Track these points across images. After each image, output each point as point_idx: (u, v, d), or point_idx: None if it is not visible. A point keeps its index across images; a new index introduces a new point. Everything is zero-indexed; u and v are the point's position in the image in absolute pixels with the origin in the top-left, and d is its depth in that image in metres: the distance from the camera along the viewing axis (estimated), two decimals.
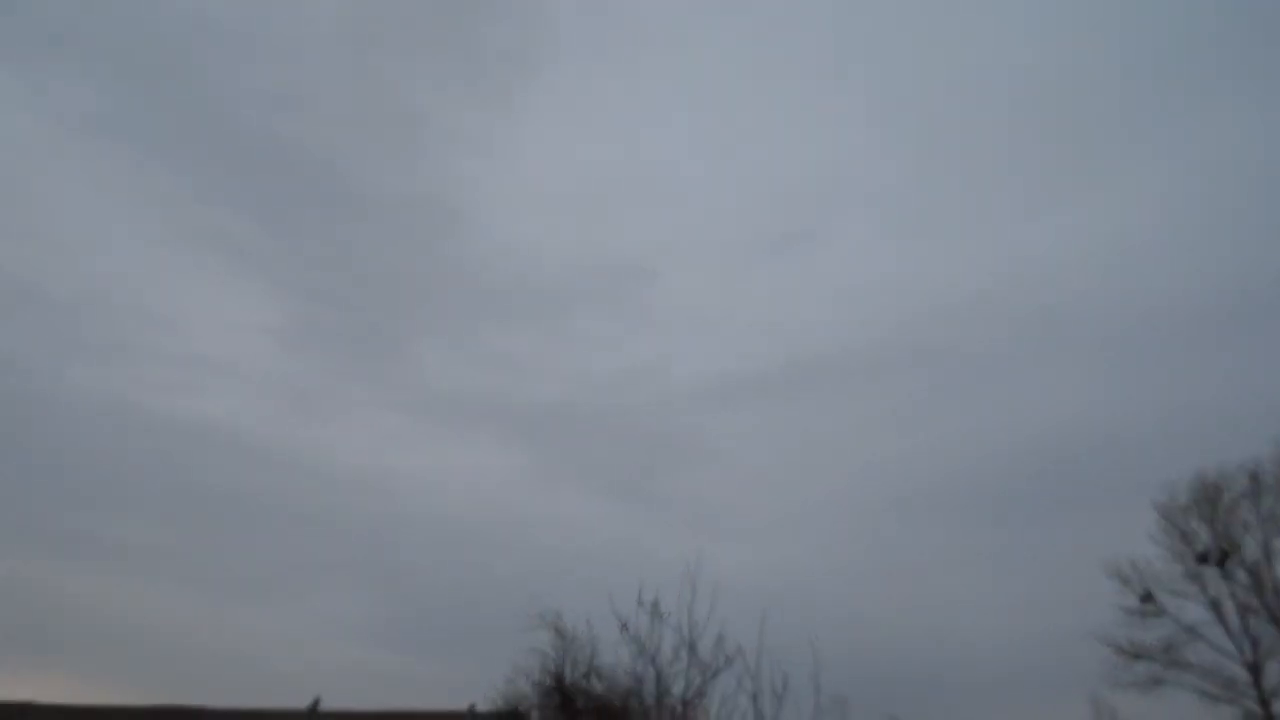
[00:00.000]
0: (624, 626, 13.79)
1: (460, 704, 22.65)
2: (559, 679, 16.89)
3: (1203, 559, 37.96)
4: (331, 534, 67.51)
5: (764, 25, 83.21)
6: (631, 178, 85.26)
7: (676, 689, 13.66)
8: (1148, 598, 38.53)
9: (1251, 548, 37.40)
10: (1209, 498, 38.46)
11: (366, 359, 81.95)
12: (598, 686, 16.94)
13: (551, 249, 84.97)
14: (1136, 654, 38.20)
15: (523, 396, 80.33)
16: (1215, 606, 37.43)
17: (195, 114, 78.33)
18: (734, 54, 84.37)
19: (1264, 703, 35.83)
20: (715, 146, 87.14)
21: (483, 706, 19.46)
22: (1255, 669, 36.23)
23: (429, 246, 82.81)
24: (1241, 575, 37.27)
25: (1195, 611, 37.73)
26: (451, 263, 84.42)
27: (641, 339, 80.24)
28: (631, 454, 78.09)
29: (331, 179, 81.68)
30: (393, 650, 61.16)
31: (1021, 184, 77.82)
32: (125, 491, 63.08)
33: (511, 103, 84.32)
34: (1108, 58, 74.17)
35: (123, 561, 59.38)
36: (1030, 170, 79.03)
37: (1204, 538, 38.35)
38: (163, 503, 63.71)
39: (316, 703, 24.17)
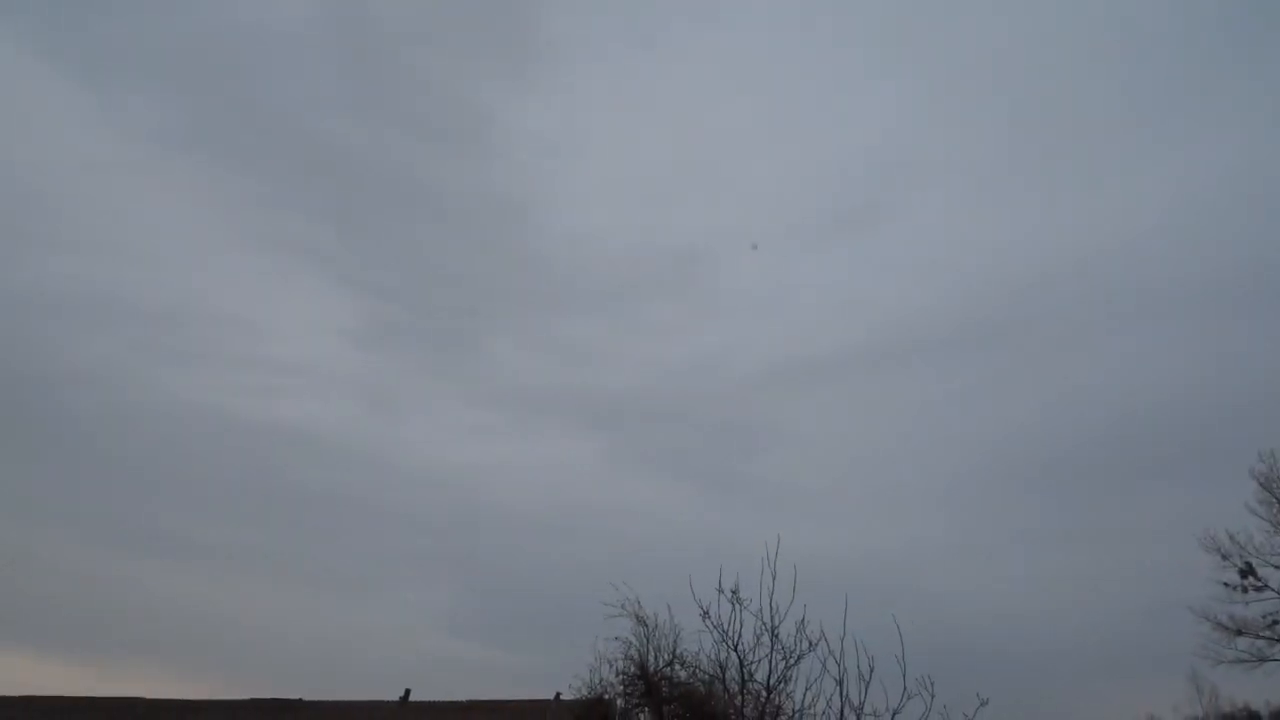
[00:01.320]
0: (705, 613, 13.76)
1: (546, 693, 23.00)
2: (642, 667, 17.00)
3: None
4: (416, 529, 69.14)
5: (822, 5, 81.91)
6: (695, 164, 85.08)
7: (760, 675, 13.60)
8: (1248, 571, 37.04)
9: None
10: None
11: (442, 356, 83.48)
12: (681, 674, 17.03)
13: (618, 239, 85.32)
14: (1238, 630, 36.82)
15: (596, 386, 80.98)
16: None
17: (268, 125, 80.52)
18: (793, 33, 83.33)
19: None
20: (778, 128, 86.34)
21: (567, 695, 19.73)
22: None
23: (498, 242, 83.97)
24: None
25: None
26: (521, 257, 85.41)
27: (712, 324, 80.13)
28: (707, 439, 78.08)
29: (402, 181, 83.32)
30: (479, 641, 62.40)
31: (1100, 148, 75.31)
32: (218, 493, 65.49)
33: (570, 96, 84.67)
34: (1180, 23, 71.07)
35: (219, 561, 61.70)
36: (1107, 132, 76.35)
37: None
38: (254, 503, 66.03)
39: (407, 694, 24.77)
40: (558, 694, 21.83)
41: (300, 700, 24.62)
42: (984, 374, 71.63)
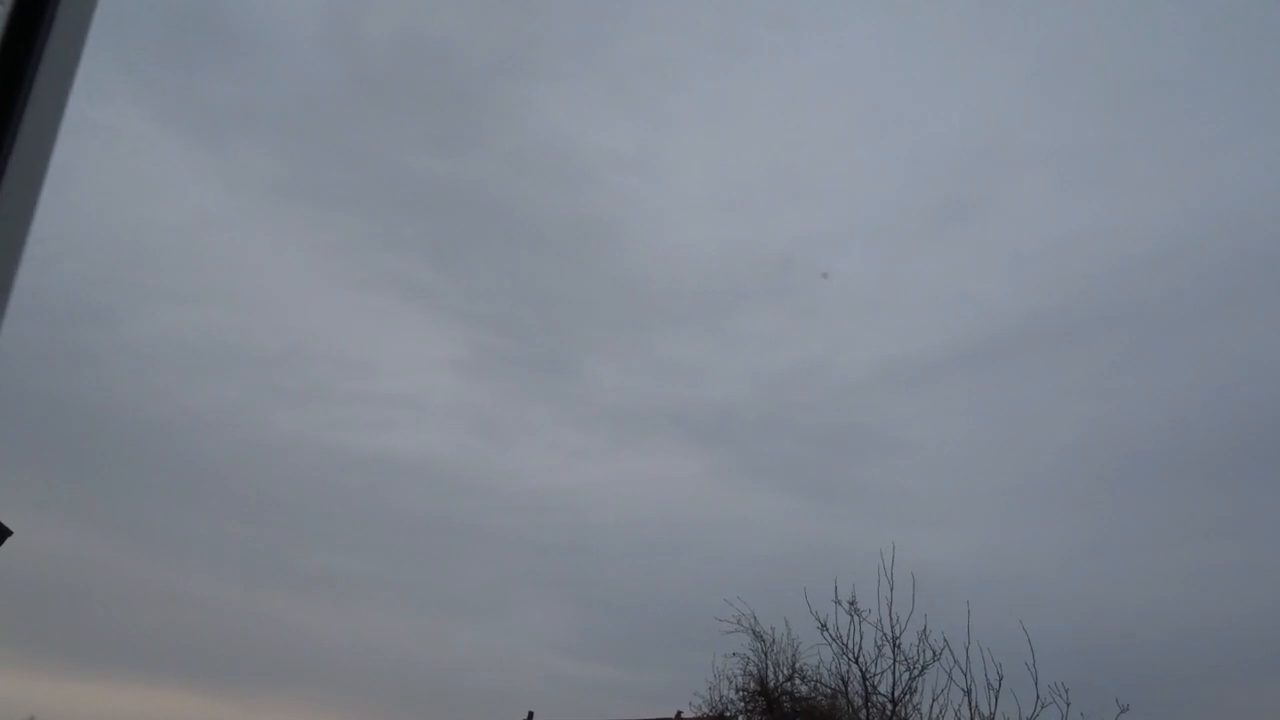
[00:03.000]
0: (823, 626, 13.63)
1: (667, 712, 22.99)
2: (762, 682, 16.87)
3: None
4: (528, 552, 70.11)
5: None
6: (786, 169, 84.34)
7: (883, 687, 13.37)
8: None
9: None
10: None
11: (544, 381, 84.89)
12: (801, 689, 16.82)
13: (712, 251, 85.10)
14: None
15: (698, 401, 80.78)
16: None
17: (365, 166, 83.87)
18: (877, 25, 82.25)
19: None
20: (868, 125, 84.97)
21: (689, 714, 19.71)
22: None
23: (592, 264, 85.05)
24: None
25: None
26: (613, 277, 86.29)
27: (813, 330, 78.94)
28: (813, 448, 76.87)
29: (496, 211, 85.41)
30: (597, 661, 62.72)
31: (1207, 119, 71.36)
32: (334, 527, 68.05)
33: (655, 112, 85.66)
34: None
35: (340, 591, 63.98)
36: (1215, 102, 72.49)
37: None
38: (372, 535, 68.25)
39: (530, 717, 25.10)
40: (679, 713, 21.81)
41: None
42: (1102, 363, 68.18)
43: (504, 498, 76.99)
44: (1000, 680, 11.56)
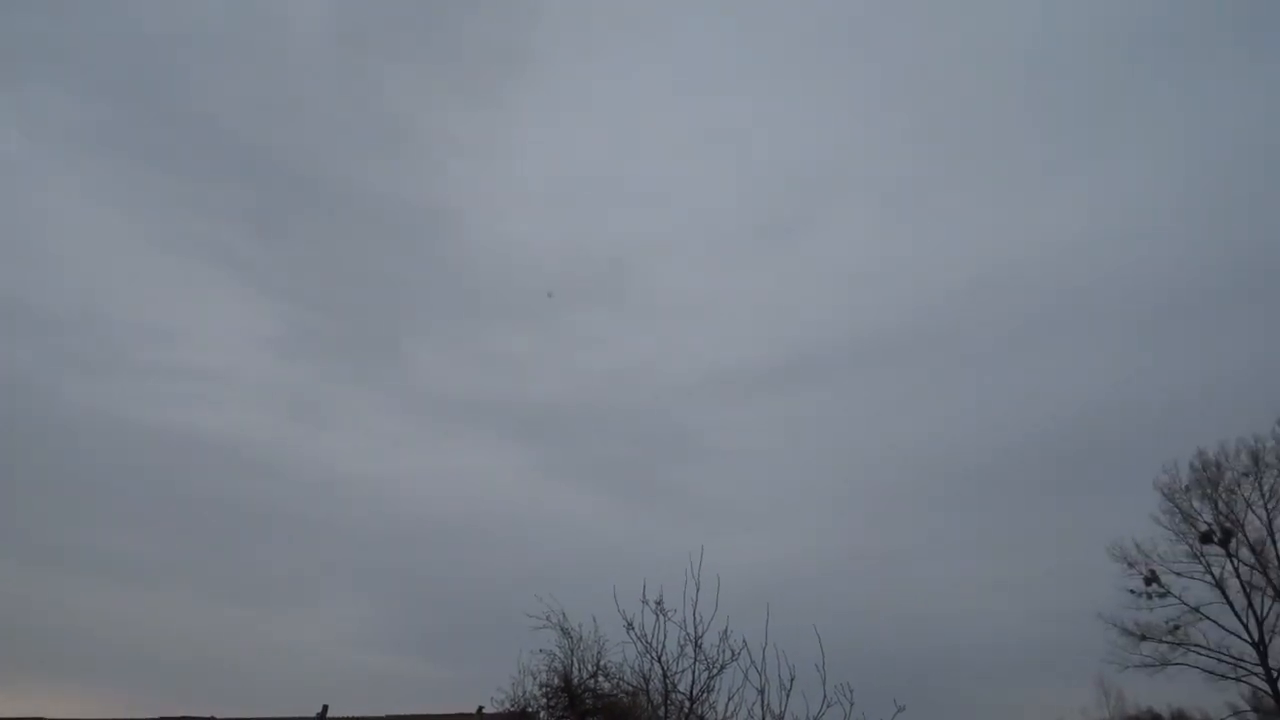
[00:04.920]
0: (629, 625, 13.78)
1: (469, 707, 22.65)
2: (566, 679, 16.92)
3: (1206, 538, 38.04)
4: (336, 540, 67.60)
5: (758, 13, 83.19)
6: (624, 172, 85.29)
7: (683, 686, 13.66)
8: (1152, 579, 38.61)
9: (1254, 526, 37.49)
10: (1210, 477, 38.52)
11: (363, 364, 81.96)
12: (604, 685, 16.98)
13: (544, 246, 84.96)
14: (1142, 635, 38.31)
15: (521, 396, 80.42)
16: (1220, 585, 37.53)
17: (186, 124, 78.14)
18: (726, 43, 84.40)
19: (1271, 679, 35.89)
20: (709, 137, 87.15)
21: (490, 708, 19.48)
22: (1261, 646, 36.29)
23: (422, 248, 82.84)
24: (1245, 554, 37.35)
25: (1200, 591, 37.89)
26: (445, 264, 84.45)
27: (638, 334, 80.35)
28: (632, 449, 78.22)
29: (323, 185, 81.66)
30: (402, 654, 61.22)
31: (1022, 166, 77.82)
32: (130, 505, 63.12)
33: (498, 100, 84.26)
34: (1109, 25, 73.79)
35: (131, 574, 59.40)
36: (1031, 151, 79.04)
37: (1206, 517, 38.44)
38: (168, 515, 63.76)
39: (324, 710, 24.10)
40: (480, 708, 21.55)
41: (210, 719, 23.78)
42: (907, 386, 73.38)
43: (316, 484, 73.81)
44: (792, 680, 12.05)
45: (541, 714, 17.46)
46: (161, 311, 75.82)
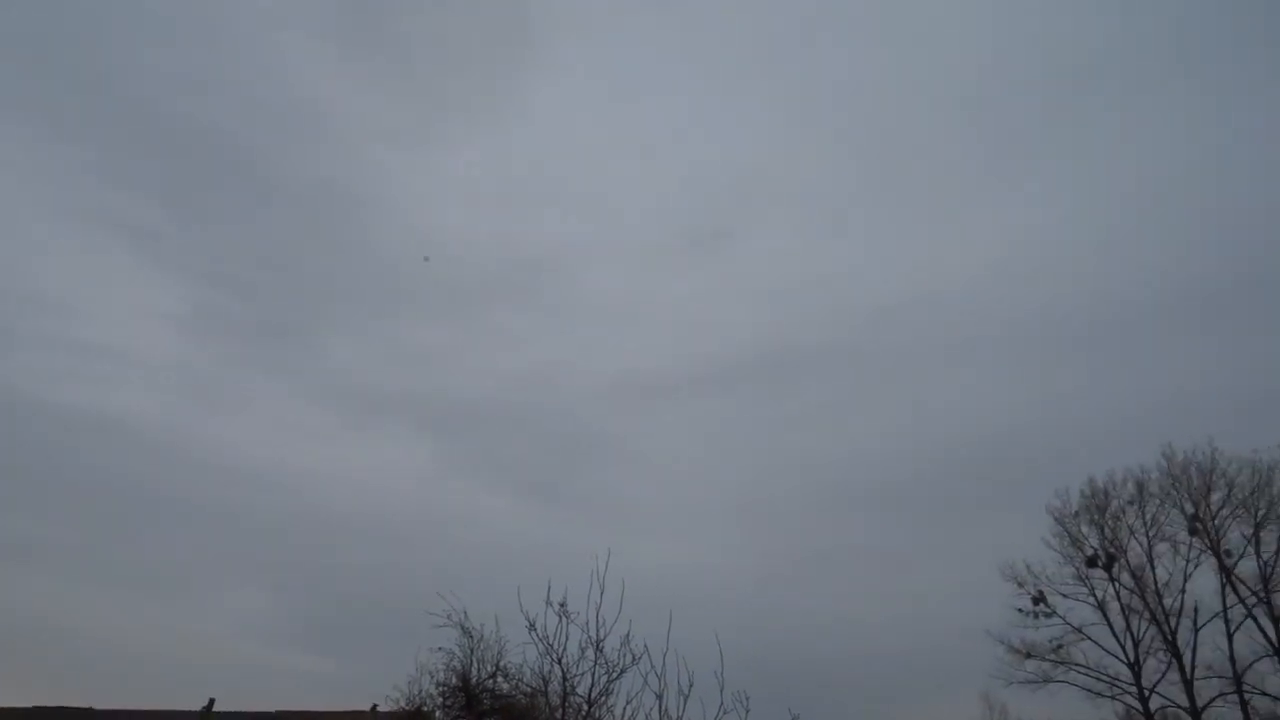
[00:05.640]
0: (531, 626, 13.70)
1: (364, 704, 22.21)
2: (464, 678, 16.71)
3: (1091, 562, 39.82)
4: (236, 530, 65.49)
5: (689, 26, 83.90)
6: (554, 174, 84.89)
7: (582, 688, 13.65)
8: (1040, 599, 40.21)
9: (1136, 552, 39.41)
10: (1098, 504, 40.34)
11: (274, 350, 79.70)
12: (504, 686, 16.84)
13: (469, 243, 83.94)
14: (1028, 653, 39.83)
15: (436, 391, 79.32)
16: (1101, 608, 39.32)
17: (99, 93, 74.84)
18: (658, 54, 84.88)
19: (1143, 699, 37.74)
20: (637, 145, 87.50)
21: (385, 707, 19.12)
22: (1136, 667, 38.14)
23: (342, 236, 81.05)
24: (1126, 578, 39.22)
25: (1083, 612, 39.63)
26: (365, 253, 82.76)
27: (558, 336, 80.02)
28: (545, 451, 77.87)
29: (244, 165, 79.20)
30: (299, 650, 59.59)
31: (947, 192, 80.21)
32: (14, 483, 60.02)
33: (430, 93, 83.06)
34: (1027, 64, 76.66)
35: (15, 557, 56.40)
36: (956, 178, 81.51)
37: (1093, 542, 40.25)
38: (57, 496, 60.87)
39: (211, 704, 23.38)
40: (374, 706, 21.16)
41: (90, 709, 22.79)
42: (821, 400, 74.82)
43: (218, 471, 71.36)
44: (691, 687, 12.14)
45: (438, 713, 17.21)
46: (58, 283, 72.38)
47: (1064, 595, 40.09)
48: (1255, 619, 36.28)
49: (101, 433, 67.26)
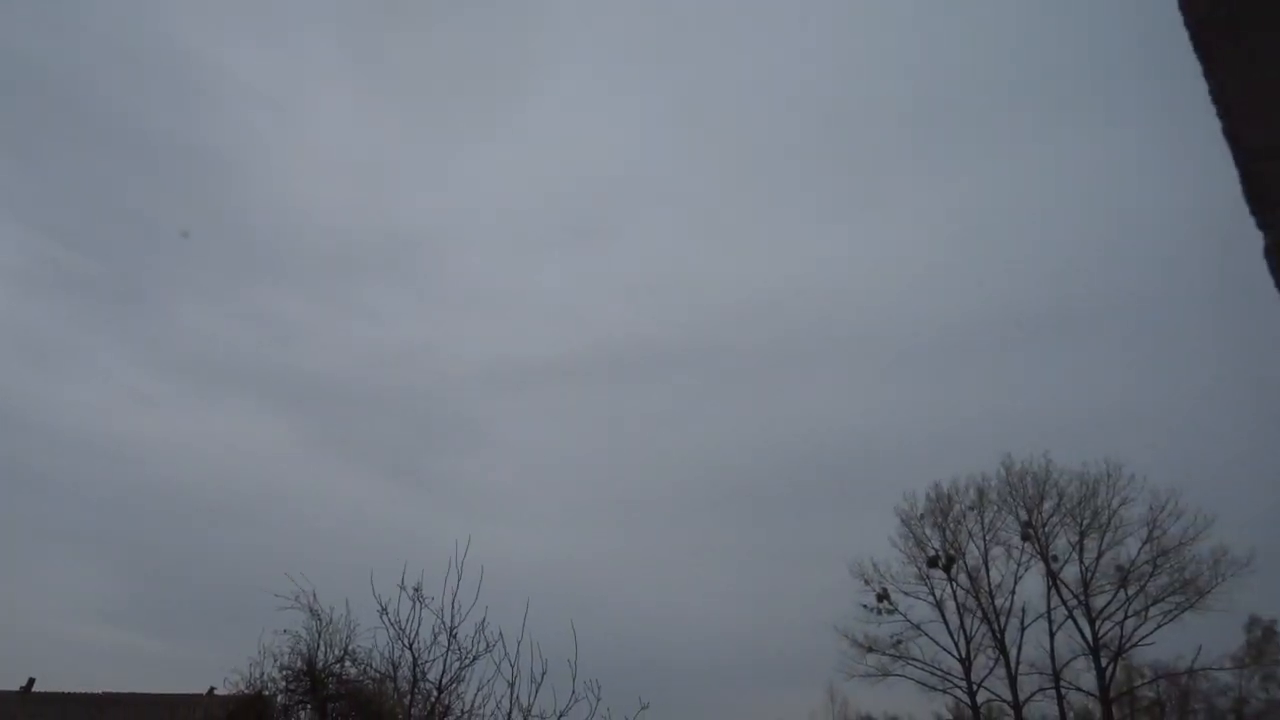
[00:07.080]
0: (383, 610, 13.39)
1: (200, 687, 21.23)
2: (310, 662, 16.16)
3: (932, 563, 42.09)
4: (66, 500, 61.22)
5: (573, 18, 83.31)
6: (428, 153, 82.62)
7: (433, 675, 13.45)
8: (883, 596, 42.23)
9: (974, 554, 41.91)
10: (942, 508, 42.65)
11: (118, 312, 74.77)
12: (351, 671, 16.38)
13: (335, 214, 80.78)
14: (869, 647, 41.80)
15: (293, 364, 76.18)
16: (939, 606, 41.64)
17: None
18: (540, 36, 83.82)
19: (971, 692, 40.24)
20: (516, 132, 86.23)
21: (224, 691, 18.30)
22: (966, 662, 40.60)
23: (200, 197, 76.43)
24: (963, 579, 41.67)
25: (923, 610, 41.88)
26: (220, 215, 78.53)
27: (427, 316, 78.06)
28: (406, 432, 76.13)
29: (94, 113, 73.66)
30: (133, 629, 56.32)
31: (813, 199, 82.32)
32: None
33: (302, 50, 79.36)
34: (901, 85, 79.45)
35: None
36: (822, 187, 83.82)
37: (935, 544, 42.55)
38: None
39: (30, 684, 21.94)
40: (211, 689, 20.26)
41: None
42: (685, 396, 75.91)
43: (49, 437, 66.57)
44: (544, 674, 12.14)
45: (279, 697, 16.58)
46: None
47: (906, 593, 42.26)
48: (1075, 620, 39.20)
49: None
